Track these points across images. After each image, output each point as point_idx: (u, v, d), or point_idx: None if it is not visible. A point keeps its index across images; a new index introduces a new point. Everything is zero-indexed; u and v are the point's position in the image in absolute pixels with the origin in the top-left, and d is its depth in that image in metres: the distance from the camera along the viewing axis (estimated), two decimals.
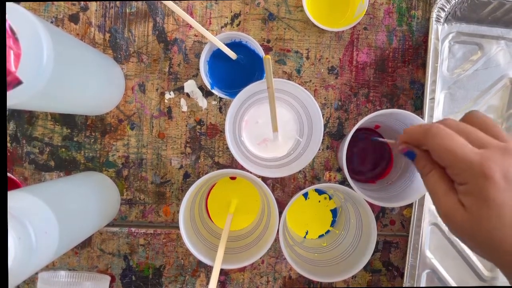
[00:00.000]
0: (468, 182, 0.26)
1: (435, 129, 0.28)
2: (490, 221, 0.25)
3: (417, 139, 0.30)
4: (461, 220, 0.27)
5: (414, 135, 0.31)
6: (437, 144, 0.28)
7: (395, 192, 0.46)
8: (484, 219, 0.26)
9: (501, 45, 0.52)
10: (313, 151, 0.44)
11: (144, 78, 0.51)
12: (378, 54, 0.52)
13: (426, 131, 0.29)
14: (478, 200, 0.26)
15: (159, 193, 0.52)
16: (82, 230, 0.42)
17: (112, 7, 0.51)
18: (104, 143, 0.52)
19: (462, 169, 0.26)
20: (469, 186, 0.26)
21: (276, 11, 0.51)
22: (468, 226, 0.26)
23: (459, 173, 0.27)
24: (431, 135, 0.28)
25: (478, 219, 0.26)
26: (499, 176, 0.25)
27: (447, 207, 0.28)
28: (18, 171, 0.51)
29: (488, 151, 0.26)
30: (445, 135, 0.28)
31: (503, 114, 0.52)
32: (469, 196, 0.26)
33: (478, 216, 0.26)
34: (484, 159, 0.26)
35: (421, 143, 0.30)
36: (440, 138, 0.28)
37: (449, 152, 0.27)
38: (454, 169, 0.27)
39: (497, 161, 0.25)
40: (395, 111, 0.42)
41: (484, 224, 0.26)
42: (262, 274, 0.53)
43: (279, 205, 0.47)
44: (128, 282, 0.52)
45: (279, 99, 0.48)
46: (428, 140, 0.29)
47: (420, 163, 0.31)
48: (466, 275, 0.52)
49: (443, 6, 0.50)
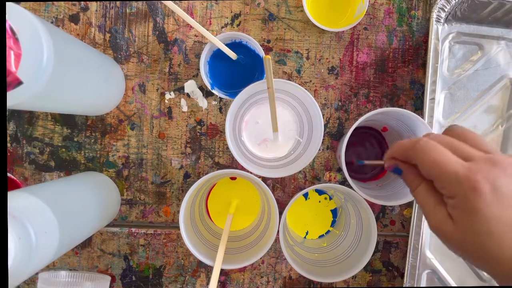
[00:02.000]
0: (455, 195, 0.26)
1: (422, 143, 0.28)
2: (480, 235, 0.25)
3: (404, 153, 0.30)
4: (451, 233, 0.27)
5: (400, 150, 0.31)
6: (424, 157, 0.28)
7: (395, 190, 0.46)
8: (473, 232, 0.25)
9: (501, 45, 0.52)
10: (313, 151, 0.44)
11: (144, 78, 0.51)
12: (378, 54, 0.52)
13: (413, 145, 0.29)
14: (466, 213, 0.26)
15: (159, 193, 0.52)
16: (82, 230, 0.42)
17: (112, 7, 0.51)
18: (104, 143, 0.52)
19: (449, 183, 0.26)
20: (457, 199, 0.26)
21: (276, 11, 0.51)
22: (457, 239, 0.26)
23: (447, 186, 0.27)
24: (418, 149, 0.28)
25: (466, 232, 0.26)
26: (486, 188, 0.25)
27: (436, 220, 0.28)
28: (18, 171, 0.51)
29: (474, 164, 0.26)
30: (432, 148, 0.28)
31: (503, 114, 0.52)
32: (457, 209, 0.26)
33: (466, 229, 0.26)
34: (471, 171, 0.25)
35: (409, 158, 0.30)
36: (427, 152, 0.28)
37: (436, 166, 0.27)
38: (442, 183, 0.27)
39: (484, 173, 0.25)
40: (392, 109, 0.42)
41: (473, 237, 0.25)
42: (262, 274, 0.53)
43: (279, 205, 0.47)
44: (128, 282, 0.52)
45: (279, 99, 0.48)
46: (415, 153, 0.29)
47: (408, 178, 0.31)
48: (466, 275, 0.52)
49: (443, 6, 0.50)
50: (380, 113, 0.42)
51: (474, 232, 0.25)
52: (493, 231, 0.25)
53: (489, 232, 0.25)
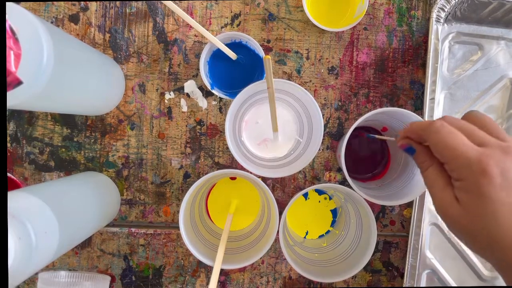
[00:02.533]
0: (465, 178, 0.26)
1: (437, 125, 0.29)
2: (485, 218, 0.26)
3: (419, 134, 0.31)
4: (456, 215, 0.27)
5: (416, 130, 0.31)
6: (438, 139, 0.28)
7: (395, 190, 0.46)
8: (479, 215, 0.26)
9: (501, 45, 0.52)
10: (313, 151, 0.44)
11: (144, 78, 0.51)
12: (378, 54, 0.52)
13: (428, 127, 0.29)
14: (474, 196, 0.26)
15: (159, 193, 0.52)
16: (82, 230, 0.42)
17: (112, 7, 0.51)
18: (104, 143, 0.52)
19: (460, 165, 0.27)
20: (466, 182, 0.26)
21: (276, 11, 0.51)
22: (463, 222, 0.27)
23: (457, 168, 0.27)
24: (433, 131, 0.29)
25: (473, 215, 0.26)
26: (496, 174, 0.25)
27: (443, 201, 0.28)
28: (18, 171, 0.51)
29: (487, 149, 0.26)
30: (446, 131, 0.28)
31: (503, 114, 0.52)
32: (465, 192, 0.27)
33: (473, 212, 0.26)
34: (483, 156, 0.26)
35: (422, 138, 0.30)
36: (441, 134, 0.28)
37: (449, 148, 0.27)
38: (453, 165, 0.27)
39: (496, 159, 0.26)
40: (392, 109, 0.42)
41: (478, 220, 0.26)
42: (262, 274, 0.53)
43: (279, 205, 0.47)
44: (128, 282, 0.52)
45: (279, 99, 0.48)
46: (430, 135, 0.29)
47: (420, 158, 0.31)
48: (466, 275, 0.52)
49: (443, 6, 0.50)
50: (380, 113, 0.42)
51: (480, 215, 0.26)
52: (499, 216, 0.25)
53: (494, 216, 0.25)
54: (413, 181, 0.45)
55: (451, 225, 0.28)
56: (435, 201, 0.29)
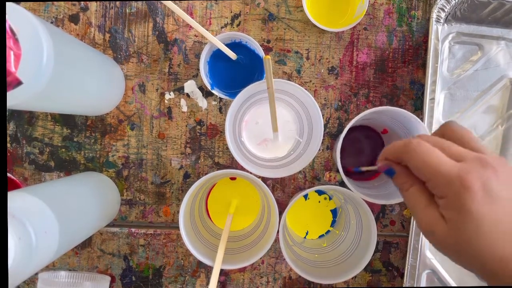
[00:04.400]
0: (447, 195, 0.26)
1: (413, 144, 0.29)
2: (470, 233, 0.25)
3: (396, 154, 0.31)
4: (442, 233, 0.27)
5: (393, 151, 0.31)
6: (416, 158, 0.28)
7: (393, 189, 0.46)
8: (463, 231, 0.26)
9: (501, 45, 0.52)
10: (313, 152, 0.44)
11: (144, 79, 0.51)
12: (378, 54, 0.52)
13: (405, 146, 0.29)
14: (457, 212, 0.26)
15: (159, 193, 0.52)
16: (82, 230, 0.42)
17: (112, 8, 0.51)
18: (104, 144, 0.52)
19: (441, 183, 0.27)
20: (449, 199, 0.26)
21: (276, 12, 0.51)
22: (448, 239, 0.27)
23: (438, 186, 0.27)
24: (411, 150, 0.29)
25: (457, 231, 0.26)
26: (477, 188, 0.25)
27: (427, 221, 0.28)
28: (18, 171, 0.51)
29: (466, 164, 0.26)
30: (423, 149, 0.28)
31: (503, 114, 0.52)
32: (449, 209, 0.26)
33: (458, 228, 0.26)
34: (462, 171, 0.26)
35: (401, 159, 0.30)
36: (418, 153, 0.28)
37: (428, 166, 0.27)
38: (434, 183, 0.27)
39: (475, 173, 0.25)
40: (386, 108, 0.42)
41: (464, 235, 0.26)
42: (262, 275, 0.53)
43: (279, 206, 0.47)
44: (128, 282, 0.52)
45: (279, 99, 0.48)
46: (407, 155, 0.29)
47: (400, 179, 0.31)
48: (466, 275, 0.52)
49: (443, 6, 0.50)
50: (376, 112, 0.42)
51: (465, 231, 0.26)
52: (484, 230, 0.25)
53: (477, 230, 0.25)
54: None
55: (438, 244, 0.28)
56: (419, 221, 0.29)
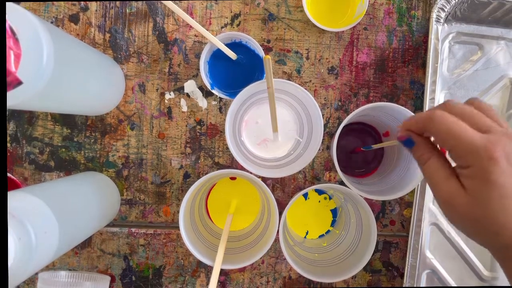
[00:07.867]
0: (472, 164, 0.26)
1: (439, 113, 0.28)
2: (493, 204, 0.26)
3: (420, 125, 0.30)
4: (463, 204, 0.27)
5: (416, 121, 0.31)
6: (441, 127, 0.28)
7: (392, 184, 0.46)
8: (486, 201, 0.26)
9: (501, 45, 0.52)
10: (313, 151, 0.44)
11: (144, 78, 0.51)
12: (378, 54, 0.52)
13: (430, 116, 0.29)
14: (481, 182, 0.26)
15: (159, 193, 0.52)
16: (82, 230, 0.42)
17: (112, 7, 0.51)
18: (104, 143, 0.52)
19: (466, 152, 0.26)
20: (473, 168, 0.26)
21: (276, 11, 0.51)
22: (469, 210, 0.27)
23: (463, 156, 0.27)
24: (435, 120, 0.28)
25: (480, 201, 0.26)
26: (503, 159, 0.25)
27: (448, 192, 0.28)
28: (18, 171, 0.51)
29: (493, 135, 0.26)
30: (449, 118, 0.28)
31: (503, 114, 0.52)
32: (472, 179, 0.27)
33: (480, 198, 0.26)
34: (489, 142, 0.26)
35: (425, 129, 0.30)
36: (444, 122, 0.28)
37: (454, 135, 0.27)
38: (458, 152, 0.27)
39: (502, 145, 0.26)
40: (383, 104, 0.42)
41: (486, 206, 0.26)
42: (262, 274, 0.53)
43: (279, 205, 0.47)
44: (128, 282, 0.52)
45: (279, 99, 0.48)
46: (432, 124, 0.29)
47: (419, 151, 0.31)
48: (466, 275, 0.52)
49: (443, 6, 0.50)
50: (370, 108, 0.42)
51: (488, 201, 0.26)
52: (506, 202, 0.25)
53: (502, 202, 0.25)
54: (409, 172, 0.45)
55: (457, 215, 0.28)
56: (438, 192, 0.28)
